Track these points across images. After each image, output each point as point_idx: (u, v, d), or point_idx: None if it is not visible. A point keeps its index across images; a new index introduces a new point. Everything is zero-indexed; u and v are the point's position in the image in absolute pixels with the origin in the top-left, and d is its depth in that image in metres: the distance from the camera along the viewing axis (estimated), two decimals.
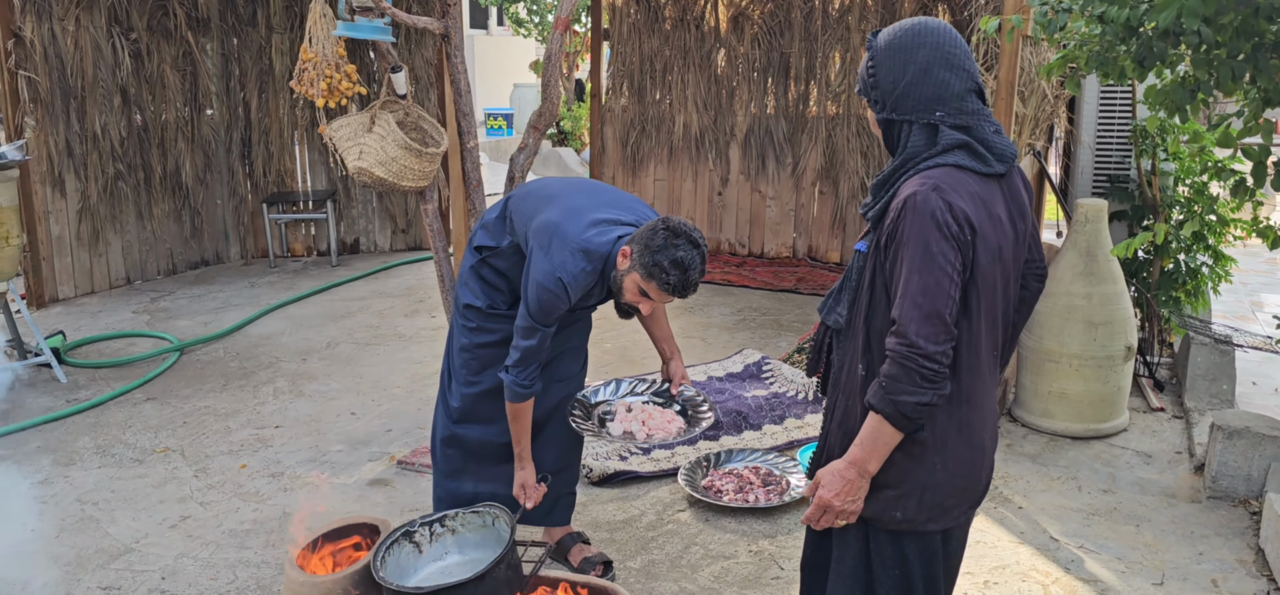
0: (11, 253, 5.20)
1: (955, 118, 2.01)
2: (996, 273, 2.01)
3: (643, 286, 2.77)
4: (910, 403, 1.93)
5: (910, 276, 1.93)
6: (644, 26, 8.49)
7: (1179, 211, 5.39)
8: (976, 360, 2.03)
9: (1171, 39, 2.94)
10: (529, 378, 2.98)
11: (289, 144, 8.29)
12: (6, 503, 4.04)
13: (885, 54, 2.06)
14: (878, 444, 2.01)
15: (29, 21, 6.56)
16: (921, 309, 1.91)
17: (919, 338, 1.91)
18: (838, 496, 2.07)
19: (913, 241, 1.93)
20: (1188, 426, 4.68)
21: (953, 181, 1.95)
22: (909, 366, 1.92)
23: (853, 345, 2.12)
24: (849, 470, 2.06)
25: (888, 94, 2.05)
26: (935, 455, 2.06)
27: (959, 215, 1.92)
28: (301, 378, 5.48)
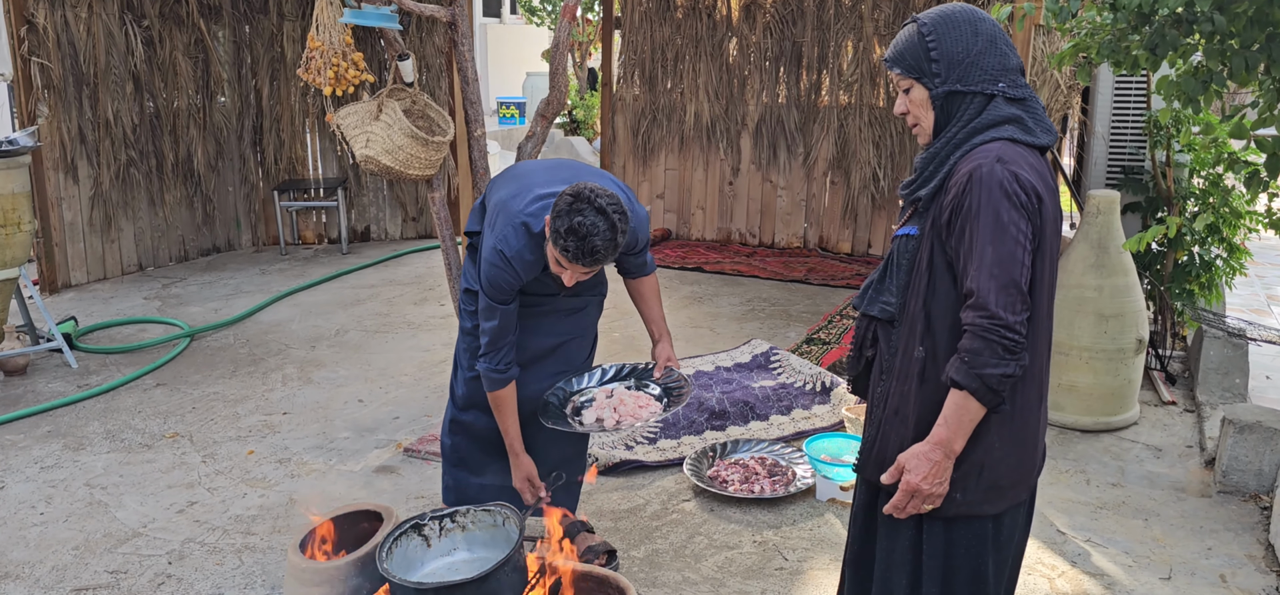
0: (24, 239, 5.23)
1: (1015, 90, 2.02)
2: (1056, 243, 2.03)
3: (554, 256, 2.77)
4: (995, 375, 1.92)
5: (984, 248, 1.92)
6: (655, 15, 8.46)
7: (1193, 203, 5.34)
8: (1039, 333, 2.03)
9: (1184, 27, 2.90)
10: (501, 362, 2.96)
11: (300, 132, 8.31)
12: (16, 486, 4.06)
13: (948, 26, 2.04)
14: (963, 421, 1.99)
15: (42, 8, 6.58)
16: (998, 279, 1.90)
17: (999, 308, 1.90)
18: (926, 479, 2.03)
19: (983, 212, 1.92)
20: (1199, 420, 4.64)
21: (1013, 154, 1.96)
22: (991, 338, 1.91)
23: (908, 330, 2.10)
24: (935, 452, 2.03)
25: (955, 63, 2.02)
26: (994, 433, 2.04)
27: (1026, 184, 1.93)
28: (310, 365, 5.49)
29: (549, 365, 3.20)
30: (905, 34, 2.09)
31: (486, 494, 3.28)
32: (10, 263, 5.19)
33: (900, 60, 2.08)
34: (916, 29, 2.07)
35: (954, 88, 2.03)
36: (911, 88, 2.09)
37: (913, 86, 2.09)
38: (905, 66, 2.08)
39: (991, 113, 2.01)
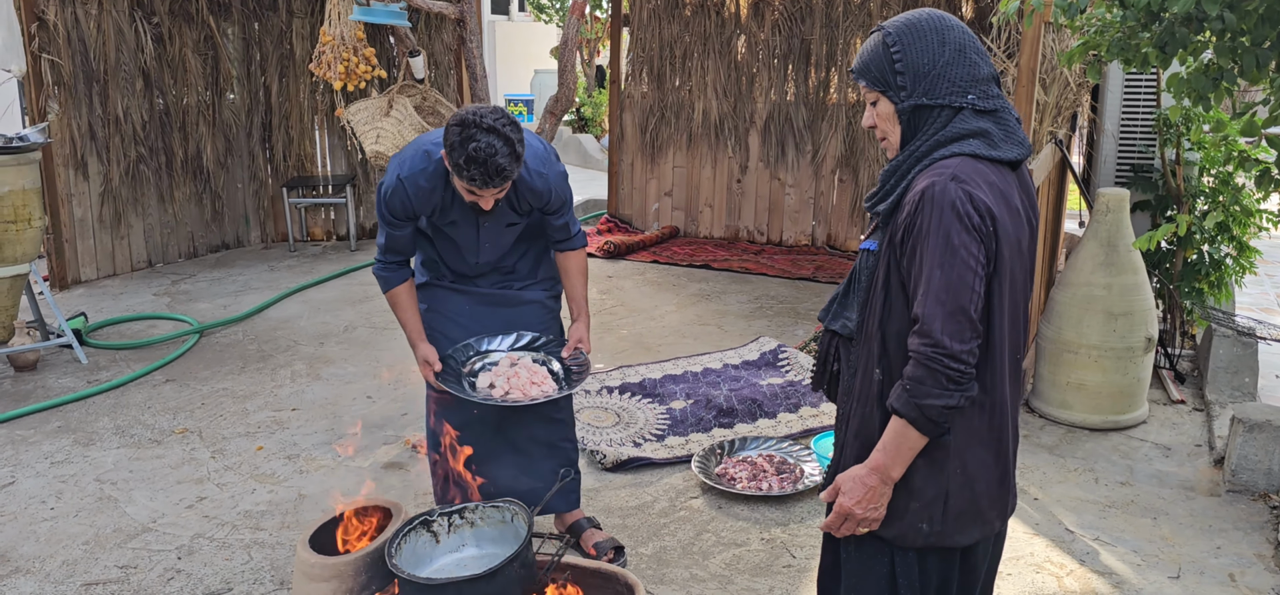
0: (34, 234, 5.25)
1: (984, 102, 1.93)
2: (1017, 266, 1.93)
3: (462, 185, 2.83)
4: (936, 406, 1.85)
5: (932, 272, 1.84)
6: (664, 12, 8.46)
7: (1203, 202, 5.32)
8: (997, 360, 1.94)
9: (1194, 24, 2.89)
10: (387, 267, 3.14)
11: (309, 129, 8.32)
12: (27, 481, 4.08)
13: (913, 36, 1.94)
14: (902, 449, 1.93)
15: (52, 5, 6.60)
16: (945, 306, 1.82)
17: (944, 336, 1.82)
18: (859, 503, 1.99)
19: (933, 235, 1.84)
20: (1208, 419, 4.63)
21: (970, 171, 1.87)
22: (934, 367, 1.84)
23: (866, 350, 2.02)
24: (871, 477, 1.97)
25: (921, 76, 1.93)
26: (955, 460, 1.97)
27: (980, 206, 1.84)
28: (319, 361, 5.51)
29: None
30: (870, 43, 1.99)
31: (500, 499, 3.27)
32: (21, 258, 5.21)
33: (865, 72, 1.99)
34: (881, 39, 1.97)
35: (920, 102, 1.93)
36: (878, 100, 2.00)
37: (879, 99, 1.99)
38: (870, 79, 1.98)
39: (957, 125, 1.91)
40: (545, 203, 3.11)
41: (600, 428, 4.49)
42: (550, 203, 3.12)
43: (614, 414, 4.67)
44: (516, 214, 3.14)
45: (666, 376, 5.14)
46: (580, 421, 4.53)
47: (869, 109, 2.03)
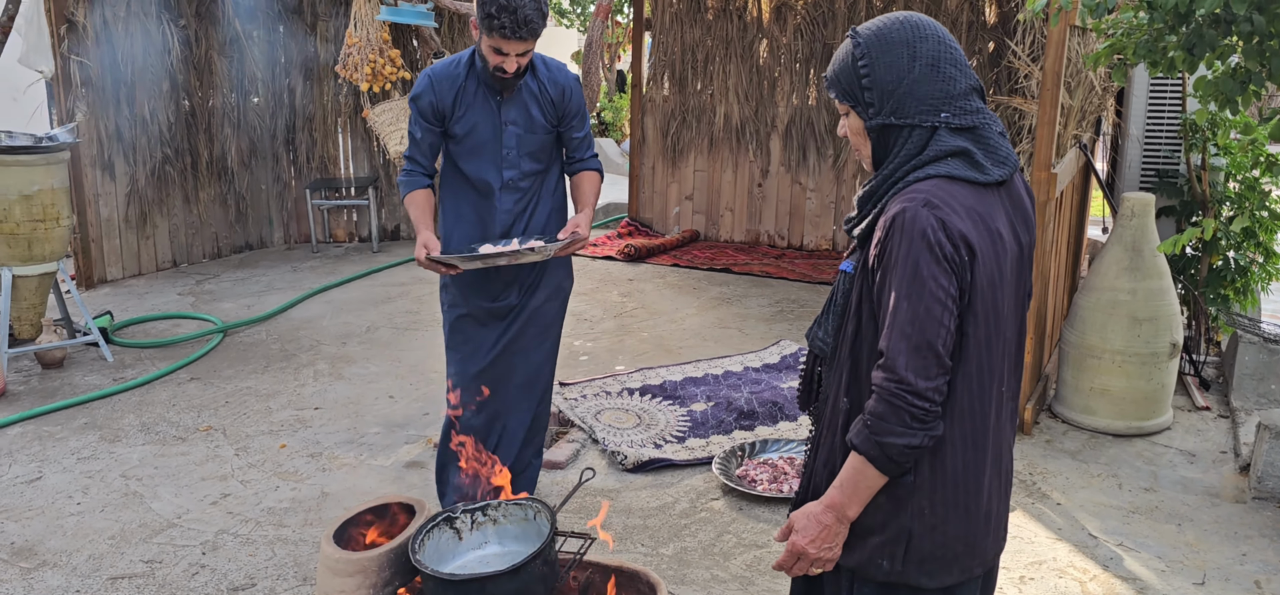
0: (62, 234, 5.32)
1: (960, 118, 1.79)
2: (1000, 297, 1.80)
3: (490, 45, 3.08)
4: (897, 445, 1.73)
5: (898, 304, 1.72)
6: (686, 16, 8.47)
7: (1229, 207, 5.28)
8: (973, 394, 1.81)
9: (1222, 27, 2.87)
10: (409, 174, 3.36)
11: (332, 131, 8.38)
12: (54, 477, 4.13)
13: (882, 48, 1.80)
14: (859, 487, 1.81)
15: (82, 8, 6.68)
16: (910, 340, 1.70)
17: (908, 372, 1.70)
18: (813, 543, 1.87)
19: (902, 264, 1.72)
20: (1233, 426, 4.59)
21: (945, 195, 1.74)
22: (897, 404, 1.72)
23: (837, 376, 1.92)
24: (826, 514, 1.85)
25: (888, 94, 1.80)
26: (923, 498, 1.83)
27: (954, 235, 1.71)
28: (341, 361, 5.54)
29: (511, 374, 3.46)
30: (841, 51, 1.87)
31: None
32: (49, 257, 5.28)
33: (835, 83, 1.87)
34: (851, 48, 1.84)
35: (887, 121, 1.81)
36: (849, 113, 1.88)
37: (850, 112, 1.87)
38: (840, 91, 1.86)
39: (935, 146, 1.78)
40: (567, 100, 3.33)
41: (621, 429, 4.50)
42: (571, 102, 3.35)
43: (635, 416, 4.67)
44: (540, 111, 3.31)
45: (687, 379, 5.14)
46: (600, 423, 4.55)
47: (842, 119, 1.92)
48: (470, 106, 3.28)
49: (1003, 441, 1.94)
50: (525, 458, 3.61)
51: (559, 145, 3.48)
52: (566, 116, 3.38)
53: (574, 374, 5.27)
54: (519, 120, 3.31)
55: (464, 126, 3.30)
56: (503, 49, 3.10)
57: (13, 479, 4.10)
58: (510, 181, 3.35)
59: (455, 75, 3.28)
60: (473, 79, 3.29)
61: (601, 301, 6.72)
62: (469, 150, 3.33)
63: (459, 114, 3.29)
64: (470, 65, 3.28)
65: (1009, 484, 2.00)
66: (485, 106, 3.29)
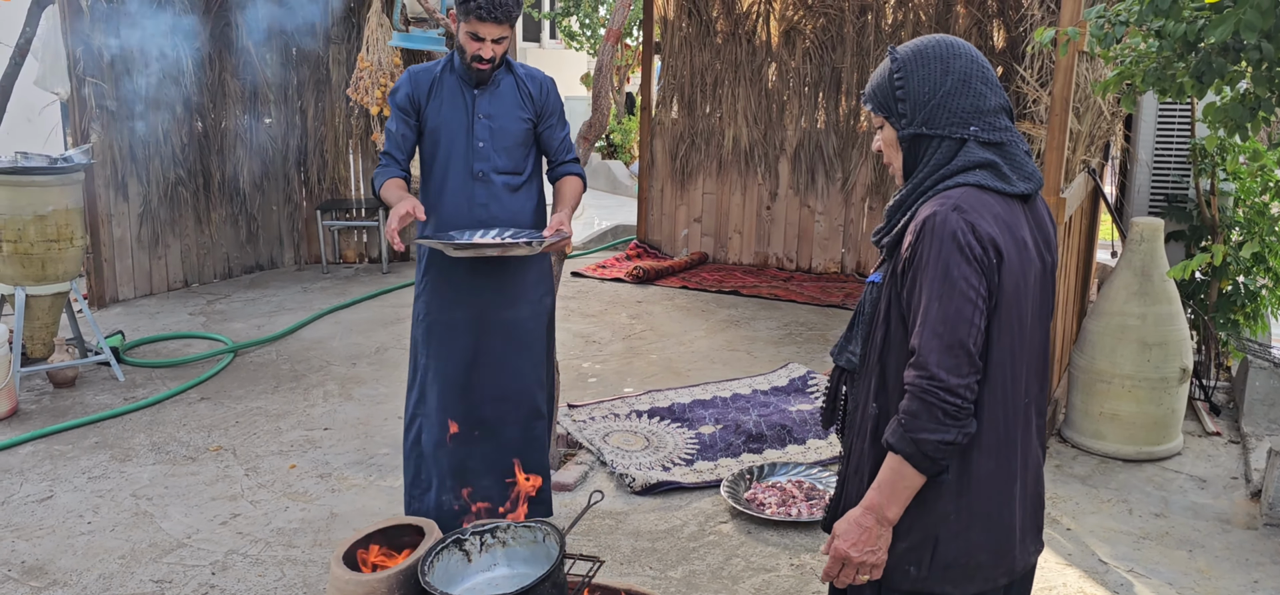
0: (75, 253, 5.36)
1: (989, 133, 1.87)
2: (1024, 303, 1.85)
3: (466, 31, 3.19)
4: (932, 441, 1.78)
5: (930, 304, 1.78)
6: (695, 40, 8.52)
7: (1238, 232, 5.27)
8: (998, 401, 1.85)
9: (1231, 55, 2.88)
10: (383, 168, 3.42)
11: (344, 152, 8.44)
12: (65, 496, 4.15)
13: (917, 63, 1.90)
14: (897, 488, 1.84)
15: (97, 30, 6.75)
16: (942, 338, 1.76)
17: (940, 370, 1.76)
18: (855, 547, 1.89)
19: (932, 266, 1.78)
20: (1244, 452, 4.57)
21: (974, 201, 1.82)
22: (929, 401, 1.77)
23: (866, 384, 1.97)
24: (866, 518, 1.88)
25: (921, 105, 1.89)
26: (950, 502, 1.87)
27: (983, 237, 1.78)
28: (351, 381, 5.56)
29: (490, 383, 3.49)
30: (881, 68, 1.98)
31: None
32: (63, 277, 5.32)
33: (872, 97, 1.97)
34: (889, 63, 1.95)
35: (919, 131, 1.90)
36: (883, 126, 1.98)
37: (884, 125, 1.97)
38: (876, 103, 1.96)
39: (963, 158, 1.86)
40: (545, 96, 3.46)
41: (630, 451, 4.51)
42: (550, 99, 3.47)
43: (643, 438, 4.68)
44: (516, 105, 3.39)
45: (696, 401, 5.14)
46: (609, 445, 4.55)
47: (877, 133, 2.01)
48: (444, 98, 3.38)
49: (1031, 454, 1.97)
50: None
51: (537, 150, 3.51)
52: (545, 114, 3.45)
53: (582, 396, 5.28)
54: (494, 114, 3.38)
55: (437, 116, 3.37)
56: (479, 33, 3.21)
57: (24, 498, 4.12)
58: (482, 173, 3.38)
59: (432, 70, 3.42)
60: (449, 75, 3.40)
61: (610, 323, 6.73)
62: (442, 142, 3.39)
63: (432, 103, 3.38)
64: (448, 65, 3.42)
65: (1039, 498, 2.03)
66: (459, 99, 3.38)
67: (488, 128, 3.36)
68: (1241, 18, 2.54)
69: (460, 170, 3.38)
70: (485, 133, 3.36)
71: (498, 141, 3.37)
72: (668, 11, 8.64)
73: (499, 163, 3.39)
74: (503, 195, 3.40)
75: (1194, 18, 2.87)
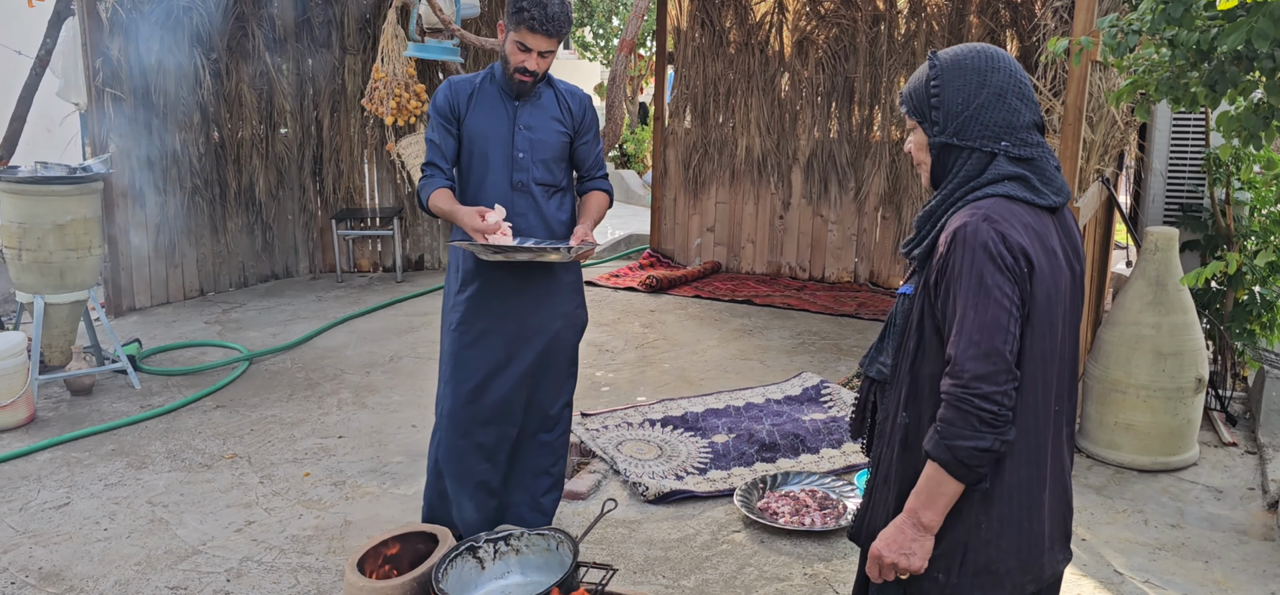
0: (93, 262, 5.40)
1: (1019, 148, 1.89)
2: (1055, 312, 1.87)
3: (515, 40, 3.21)
4: (968, 448, 1.80)
5: (965, 313, 1.80)
6: (708, 50, 8.54)
7: (1254, 242, 5.25)
8: (1029, 409, 1.88)
9: (1244, 63, 2.88)
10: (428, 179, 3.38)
11: (359, 162, 8.48)
12: (82, 503, 4.18)
13: (954, 73, 1.92)
14: (934, 495, 1.86)
15: (116, 41, 6.82)
16: (979, 346, 1.78)
17: (977, 378, 1.78)
18: (889, 547, 1.93)
19: (966, 275, 1.80)
20: (1261, 462, 4.54)
21: (1004, 211, 1.84)
22: (966, 409, 1.79)
23: (897, 393, 1.99)
24: (904, 521, 1.92)
25: (952, 116, 1.91)
26: (980, 510, 1.89)
27: (1013, 246, 1.80)
28: (365, 390, 5.59)
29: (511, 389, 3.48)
30: (919, 71, 2.01)
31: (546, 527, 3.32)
32: (81, 285, 5.36)
33: (908, 99, 1.99)
34: (927, 68, 1.97)
35: (949, 141, 1.92)
36: (915, 129, 2.01)
37: (916, 128, 2.00)
38: (911, 106, 1.99)
39: (993, 170, 1.89)
40: (584, 113, 3.47)
41: (642, 460, 4.51)
42: (587, 116, 3.48)
43: (656, 446, 4.68)
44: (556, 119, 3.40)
45: (709, 410, 5.15)
46: (622, 453, 4.56)
47: (909, 135, 2.03)
48: (484, 107, 3.38)
49: (1061, 463, 1.99)
50: (541, 486, 3.61)
51: (571, 165, 3.53)
52: (582, 130, 3.47)
53: (595, 405, 5.29)
54: (533, 125, 3.39)
55: (477, 125, 3.37)
56: (527, 44, 3.21)
57: (41, 504, 4.15)
58: (521, 184, 3.38)
59: (471, 80, 3.42)
60: (490, 85, 3.41)
61: (623, 332, 6.74)
62: (481, 151, 3.39)
63: (472, 113, 3.38)
64: (489, 76, 3.42)
65: (1068, 507, 2.04)
66: (500, 109, 3.38)
67: (528, 139, 3.38)
68: (1254, 26, 2.53)
69: (500, 180, 3.38)
70: (525, 144, 3.37)
71: (537, 153, 3.39)
72: (681, 22, 8.67)
73: (537, 174, 3.40)
74: (540, 205, 3.42)
75: (1207, 27, 2.87)
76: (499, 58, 3.39)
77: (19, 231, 5.17)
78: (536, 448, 3.58)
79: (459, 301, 3.46)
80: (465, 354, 3.44)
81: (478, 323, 3.43)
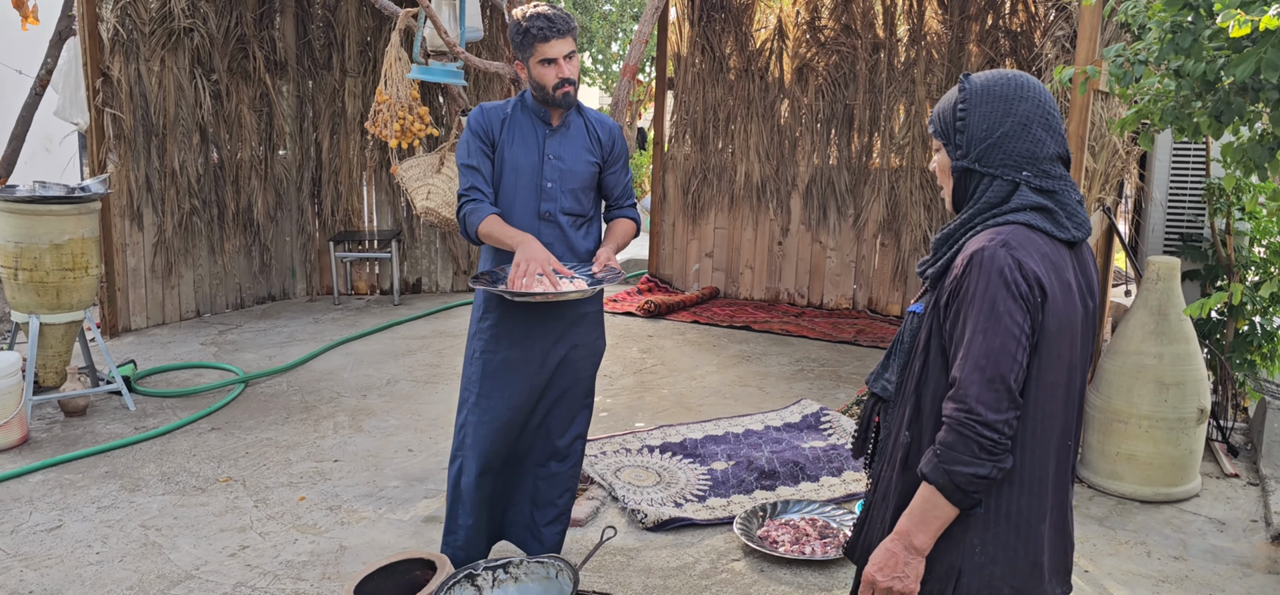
0: (90, 282, 5.37)
1: (1041, 180, 1.88)
2: (1065, 343, 1.86)
3: (538, 61, 3.21)
4: (965, 474, 1.79)
5: (974, 337, 1.80)
6: (708, 76, 8.55)
7: (1254, 272, 5.24)
8: (1032, 438, 1.87)
9: (1250, 94, 2.87)
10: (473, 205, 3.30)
11: (357, 184, 8.48)
12: (74, 525, 4.13)
13: (982, 98, 1.91)
14: (927, 518, 1.86)
15: (117, 61, 6.81)
16: (984, 372, 1.78)
17: (979, 404, 1.77)
18: (881, 571, 1.91)
19: (978, 300, 1.80)
20: (1264, 494, 4.51)
21: (1023, 240, 1.84)
22: (966, 434, 1.78)
23: (900, 413, 1.98)
24: (895, 543, 1.90)
25: (976, 142, 1.91)
26: (975, 535, 1.88)
27: (1028, 275, 1.80)
28: (361, 413, 5.55)
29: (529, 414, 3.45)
30: (949, 94, 2.00)
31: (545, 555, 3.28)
32: (77, 305, 5.33)
33: (936, 119, 1.99)
34: (957, 91, 1.97)
35: (971, 166, 1.92)
36: (940, 150, 2.00)
37: (941, 149, 2.00)
38: (937, 127, 1.99)
39: (1017, 199, 1.88)
40: (613, 142, 3.45)
41: (641, 487, 4.47)
42: (618, 145, 3.47)
43: (655, 473, 4.65)
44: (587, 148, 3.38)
45: (708, 437, 5.11)
46: (620, 480, 4.52)
47: (935, 154, 2.03)
48: (515, 137, 3.34)
49: (1065, 496, 1.97)
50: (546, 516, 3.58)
51: (599, 194, 3.51)
52: (611, 160, 3.44)
53: (594, 430, 5.25)
54: (563, 155, 3.35)
55: (508, 153, 3.34)
56: (549, 54, 3.19)
57: (33, 526, 4.10)
58: (549, 214, 3.35)
59: (502, 108, 3.39)
60: (521, 113, 3.37)
61: (621, 357, 6.71)
62: (510, 180, 3.35)
63: (503, 139, 3.35)
64: (521, 103, 3.38)
65: (1069, 541, 2.01)
66: (531, 138, 3.34)
67: (557, 169, 3.34)
68: (1263, 57, 2.53)
69: (527, 209, 3.34)
70: (555, 174, 3.33)
71: (566, 183, 3.35)
72: (681, 48, 8.69)
73: (566, 204, 3.36)
74: (568, 236, 3.38)
75: (1214, 56, 2.86)
76: (529, 88, 3.34)
77: (15, 251, 5.14)
78: (546, 478, 3.54)
79: (481, 329, 3.41)
80: (489, 382, 3.39)
81: (500, 352, 3.38)
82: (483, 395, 3.41)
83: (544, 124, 3.35)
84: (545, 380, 3.41)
